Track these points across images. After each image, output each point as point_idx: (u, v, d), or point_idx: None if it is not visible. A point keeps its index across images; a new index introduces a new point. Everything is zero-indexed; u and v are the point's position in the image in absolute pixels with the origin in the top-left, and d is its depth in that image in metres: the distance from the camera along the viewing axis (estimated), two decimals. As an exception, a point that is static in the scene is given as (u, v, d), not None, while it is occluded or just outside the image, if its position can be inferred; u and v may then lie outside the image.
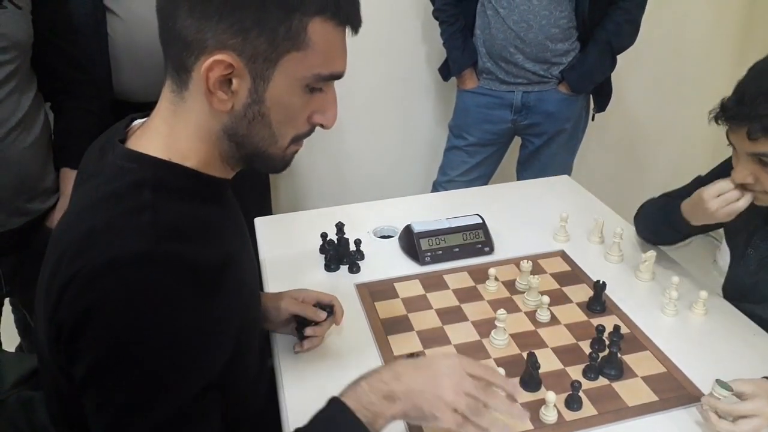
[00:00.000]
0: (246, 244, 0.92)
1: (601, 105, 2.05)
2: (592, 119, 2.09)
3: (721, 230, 1.27)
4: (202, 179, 0.79)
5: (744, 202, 1.08)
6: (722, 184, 1.10)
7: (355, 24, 0.76)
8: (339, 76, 0.77)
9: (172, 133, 0.77)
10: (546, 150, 2.02)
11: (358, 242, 1.35)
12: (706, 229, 1.23)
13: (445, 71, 2.06)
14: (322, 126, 0.81)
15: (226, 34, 0.69)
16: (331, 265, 1.33)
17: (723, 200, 1.09)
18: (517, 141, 2.12)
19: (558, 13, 1.79)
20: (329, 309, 1.09)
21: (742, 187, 1.08)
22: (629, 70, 2.29)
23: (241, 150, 0.78)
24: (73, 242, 0.70)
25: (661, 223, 1.30)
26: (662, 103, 2.68)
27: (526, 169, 2.11)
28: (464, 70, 1.97)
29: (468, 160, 2.07)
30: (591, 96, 2.04)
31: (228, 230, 0.84)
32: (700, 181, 1.25)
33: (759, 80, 1.01)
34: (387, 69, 2.28)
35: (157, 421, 0.68)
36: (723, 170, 1.20)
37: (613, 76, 1.98)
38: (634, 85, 2.54)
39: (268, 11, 0.69)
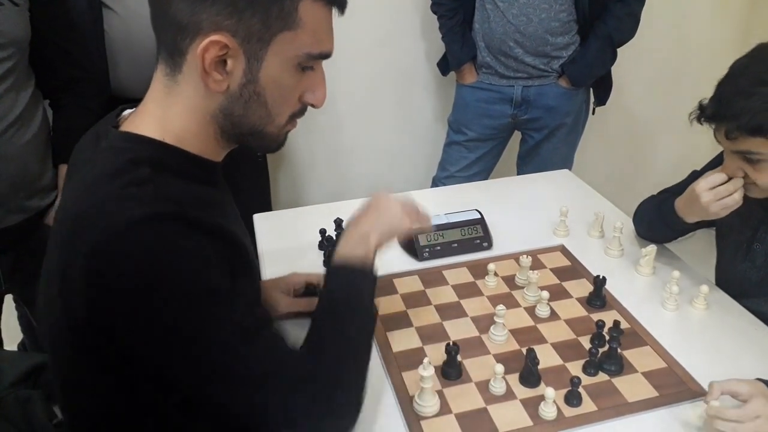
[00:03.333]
0: (237, 219, 0.94)
1: (602, 98, 2.04)
2: (593, 113, 2.08)
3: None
4: (196, 160, 0.81)
5: (738, 196, 1.08)
6: (714, 177, 1.09)
7: (342, 5, 0.79)
8: (328, 55, 0.80)
9: (165, 115, 0.78)
10: (547, 144, 2.02)
11: (356, 238, 1.35)
12: (700, 225, 1.22)
13: (444, 66, 2.05)
14: (312, 105, 0.83)
15: (221, 15, 0.72)
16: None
17: (716, 194, 1.08)
18: (517, 136, 2.12)
19: (558, 7, 1.78)
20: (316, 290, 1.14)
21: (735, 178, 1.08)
22: (630, 63, 2.28)
23: (236, 129, 0.80)
24: (81, 219, 0.72)
25: (657, 221, 1.29)
26: (663, 96, 2.66)
27: (527, 164, 2.10)
28: (463, 65, 1.95)
29: (468, 155, 2.06)
30: (591, 89, 2.03)
31: (225, 210, 0.86)
32: (696, 176, 1.23)
33: (735, 79, 1.02)
34: (386, 64, 2.27)
35: (220, 341, 0.72)
36: (716, 163, 1.19)
37: (614, 69, 1.97)
38: (634, 79, 2.53)
39: None
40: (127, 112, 0.86)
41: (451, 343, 1.02)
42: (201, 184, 0.81)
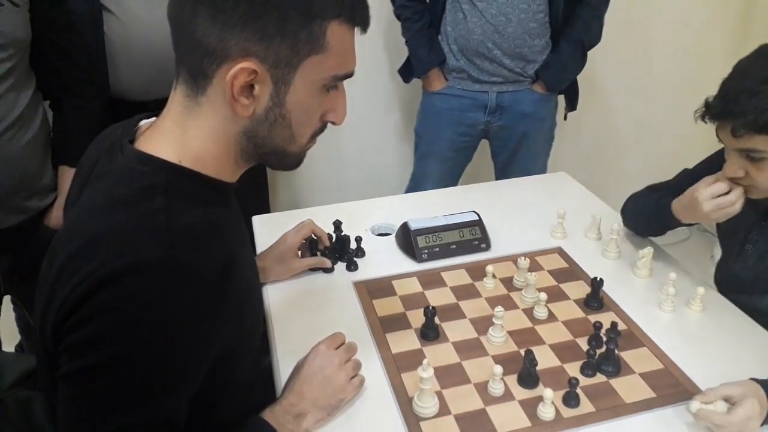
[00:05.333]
0: (245, 240, 0.94)
1: (573, 104, 2.01)
2: (565, 118, 2.06)
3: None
4: (212, 184, 0.80)
5: (739, 206, 1.09)
6: (717, 187, 1.11)
7: (366, 24, 0.79)
8: (351, 75, 0.81)
9: (185, 136, 0.77)
10: (524, 153, 1.96)
11: (358, 239, 1.36)
12: (694, 222, 1.24)
13: (407, 73, 1.97)
14: (333, 123, 0.84)
15: (250, 41, 0.71)
16: (329, 263, 1.34)
17: (717, 204, 1.10)
18: (486, 147, 2.06)
19: (535, 7, 1.75)
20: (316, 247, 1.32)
21: (734, 183, 1.10)
22: (603, 67, 2.27)
23: (259, 150, 0.80)
24: (87, 243, 0.71)
25: (652, 219, 1.32)
26: (637, 100, 2.63)
27: (505, 176, 2.02)
28: (430, 70, 1.88)
29: (439, 166, 1.99)
30: (563, 95, 2.00)
31: (230, 229, 0.85)
32: (688, 175, 1.27)
33: (741, 78, 1.04)
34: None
35: (126, 424, 0.70)
36: (711, 165, 1.20)
37: (588, 73, 1.95)
38: (609, 83, 2.52)
39: (290, 18, 0.71)
40: (144, 122, 0.84)
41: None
42: (213, 205, 0.80)
